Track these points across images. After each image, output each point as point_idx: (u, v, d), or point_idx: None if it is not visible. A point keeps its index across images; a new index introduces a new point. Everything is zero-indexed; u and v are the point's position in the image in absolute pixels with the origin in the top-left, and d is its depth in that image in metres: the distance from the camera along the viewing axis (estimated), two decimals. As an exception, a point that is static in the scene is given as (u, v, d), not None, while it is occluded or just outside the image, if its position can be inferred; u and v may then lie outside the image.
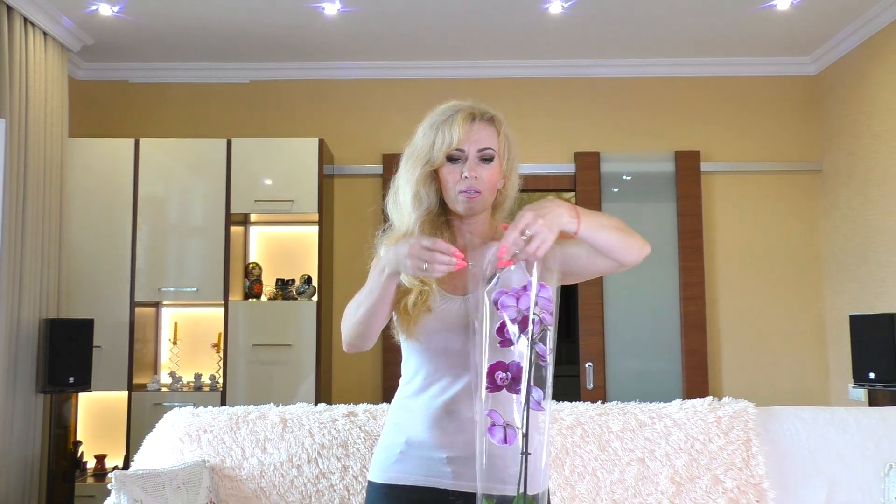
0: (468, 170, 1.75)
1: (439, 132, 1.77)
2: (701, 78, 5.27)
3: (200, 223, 4.79)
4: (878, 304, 4.42)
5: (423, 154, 1.79)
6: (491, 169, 1.78)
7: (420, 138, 1.82)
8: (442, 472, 1.72)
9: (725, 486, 2.77)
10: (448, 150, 1.75)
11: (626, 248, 1.79)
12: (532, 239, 1.51)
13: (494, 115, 1.81)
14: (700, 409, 2.90)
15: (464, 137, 1.75)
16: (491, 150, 1.77)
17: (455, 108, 1.80)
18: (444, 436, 1.72)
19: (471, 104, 1.82)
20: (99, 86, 5.31)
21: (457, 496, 1.71)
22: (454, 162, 1.77)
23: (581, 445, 2.83)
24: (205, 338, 4.94)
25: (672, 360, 5.04)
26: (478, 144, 1.76)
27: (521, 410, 1.40)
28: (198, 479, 2.72)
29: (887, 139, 4.37)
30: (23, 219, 4.09)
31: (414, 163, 1.81)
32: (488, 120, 1.80)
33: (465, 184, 1.75)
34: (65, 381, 4.17)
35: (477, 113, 1.79)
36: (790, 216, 5.18)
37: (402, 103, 5.27)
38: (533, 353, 1.41)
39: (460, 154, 1.76)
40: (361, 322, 1.76)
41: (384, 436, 1.85)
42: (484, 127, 1.78)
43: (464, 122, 1.76)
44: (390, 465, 1.77)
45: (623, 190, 5.23)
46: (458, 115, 1.77)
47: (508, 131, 1.84)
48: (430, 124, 1.81)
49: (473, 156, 1.76)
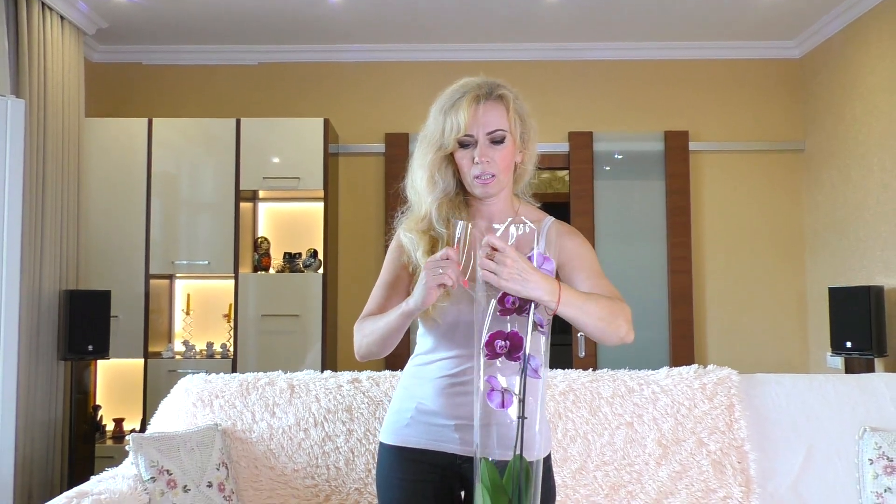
0: (479, 155, 1.68)
1: (447, 117, 1.69)
2: (690, 61, 5.25)
3: (211, 199, 4.78)
4: (856, 277, 4.43)
5: (434, 139, 1.72)
6: (503, 150, 1.71)
7: (431, 123, 1.74)
8: (450, 437, 1.72)
9: (709, 449, 2.80)
10: (457, 137, 1.68)
11: (602, 336, 1.63)
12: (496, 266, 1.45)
13: (503, 92, 1.73)
14: (686, 377, 2.91)
15: (471, 122, 1.67)
16: (501, 132, 1.70)
17: (462, 90, 1.71)
18: (452, 405, 1.72)
19: (479, 82, 1.73)
20: (113, 67, 5.28)
21: (463, 460, 1.72)
22: (465, 147, 1.70)
23: (573, 410, 2.85)
24: (216, 308, 4.95)
25: (660, 330, 5.06)
26: (486, 127, 1.68)
27: (519, 377, 1.41)
28: (210, 441, 2.74)
29: (868, 120, 4.36)
30: (42, 195, 4.08)
31: (427, 147, 1.74)
32: (496, 99, 1.71)
33: (477, 169, 1.69)
34: (84, 349, 4.18)
35: (483, 93, 1.70)
36: (774, 194, 5.18)
37: (404, 85, 5.24)
38: (531, 323, 1.41)
39: (470, 139, 1.69)
40: (376, 344, 1.74)
41: (396, 400, 1.85)
42: (492, 108, 1.70)
43: (469, 105, 1.68)
44: (400, 429, 1.77)
45: (615, 168, 5.22)
46: (463, 98, 1.68)
47: (520, 105, 1.76)
48: (440, 108, 1.73)
49: (483, 139, 1.68)
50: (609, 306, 1.63)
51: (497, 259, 1.45)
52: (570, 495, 2.76)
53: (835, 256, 4.71)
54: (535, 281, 1.45)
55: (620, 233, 5.15)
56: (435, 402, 1.74)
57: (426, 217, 1.74)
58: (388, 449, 1.79)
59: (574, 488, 2.77)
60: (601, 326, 1.60)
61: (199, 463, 2.67)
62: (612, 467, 2.79)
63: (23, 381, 3.80)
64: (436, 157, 1.72)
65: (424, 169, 1.73)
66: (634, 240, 5.15)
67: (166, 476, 2.58)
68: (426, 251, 1.72)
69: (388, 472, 1.77)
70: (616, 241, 5.13)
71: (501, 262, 1.45)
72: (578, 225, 5.05)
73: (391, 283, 1.82)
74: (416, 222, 1.76)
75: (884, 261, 4.16)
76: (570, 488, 2.77)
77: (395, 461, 1.76)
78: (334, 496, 2.77)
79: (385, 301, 1.81)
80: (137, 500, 2.48)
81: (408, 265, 1.80)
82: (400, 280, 1.82)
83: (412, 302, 1.61)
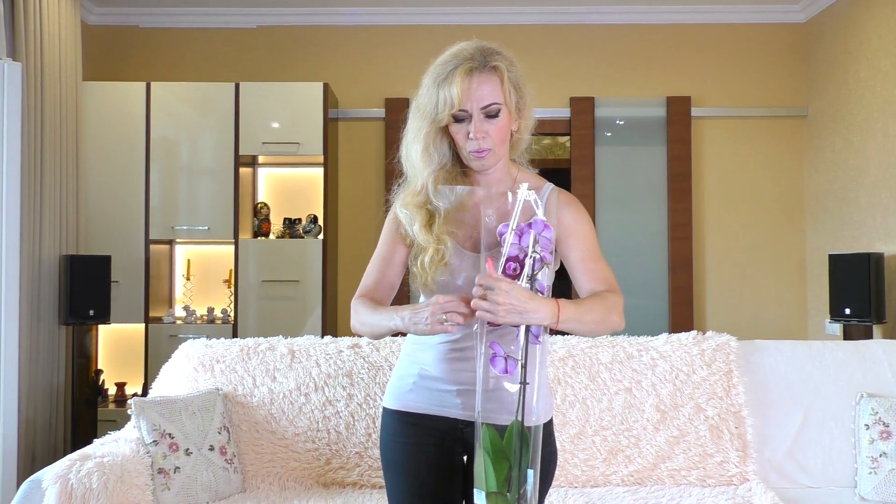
0: (474, 130, 1.63)
1: (440, 91, 1.63)
2: (693, 25, 5.19)
3: (211, 164, 4.76)
4: (856, 244, 4.43)
5: (428, 112, 1.67)
6: (498, 123, 1.66)
7: (424, 94, 1.69)
8: (452, 402, 1.73)
9: (707, 414, 2.82)
10: (451, 112, 1.63)
11: (594, 334, 1.64)
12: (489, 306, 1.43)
13: (497, 63, 1.66)
14: (685, 343, 2.93)
15: (464, 97, 1.62)
16: (496, 105, 1.64)
17: (455, 61, 1.64)
18: (454, 371, 1.73)
19: (472, 52, 1.66)
20: (110, 30, 5.22)
21: (465, 425, 1.74)
22: (460, 121, 1.65)
23: (572, 376, 2.87)
24: (216, 274, 4.95)
25: (659, 297, 5.07)
26: (480, 102, 1.63)
27: (520, 343, 1.42)
28: (212, 405, 2.76)
29: (871, 85, 4.32)
30: (41, 159, 4.06)
31: (421, 120, 1.69)
32: (490, 70, 1.65)
33: (473, 144, 1.65)
34: (85, 314, 4.19)
35: (476, 65, 1.64)
36: (776, 160, 5.16)
37: (404, 49, 5.19)
38: (533, 289, 1.41)
39: (464, 114, 1.64)
40: (368, 335, 1.75)
41: (399, 366, 1.85)
42: (485, 80, 1.64)
43: (462, 80, 1.61)
44: (403, 394, 1.78)
45: (616, 134, 5.19)
46: (456, 71, 1.62)
47: (514, 74, 1.70)
48: (433, 79, 1.66)
49: (478, 114, 1.63)
50: (603, 307, 1.61)
51: (490, 297, 1.42)
52: (569, 459, 2.79)
53: (835, 223, 4.70)
54: (532, 309, 1.43)
55: (621, 199, 5.13)
56: (437, 368, 1.74)
57: (423, 190, 1.71)
58: (391, 413, 1.80)
59: (573, 453, 2.80)
60: (596, 329, 1.61)
61: (201, 427, 2.69)
62: (611, 432, 2.81)
63: (24, 346, 3.82)
64: (430, 130, 1.68)
65: (419, 141, 1.69)
66: (635, 206, 5.14)
67: (168, 439, 2.60)
68: (423, 225, 1.70)
69: (391, 436, 1.78)
70: (617, 207, 5.12)
71: (494, 301, 1.42)
72: (579, 191, 5.04)
73: (387, 258, 1.81)
74: (412, 196, 1.73)
75: (884, 228, 4.16)
76: (569, 453, 2.79)
77: (398, 425, 1.78)
78: (335, 460, 2.79)
79: (381, 277, 1.80)
80: (140, 463, 2.50)
81: (405, 237, 1.78)
82: (396, 253, 1.80)
83: (407, 324, 1.58)
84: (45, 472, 2.29)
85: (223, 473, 2.68)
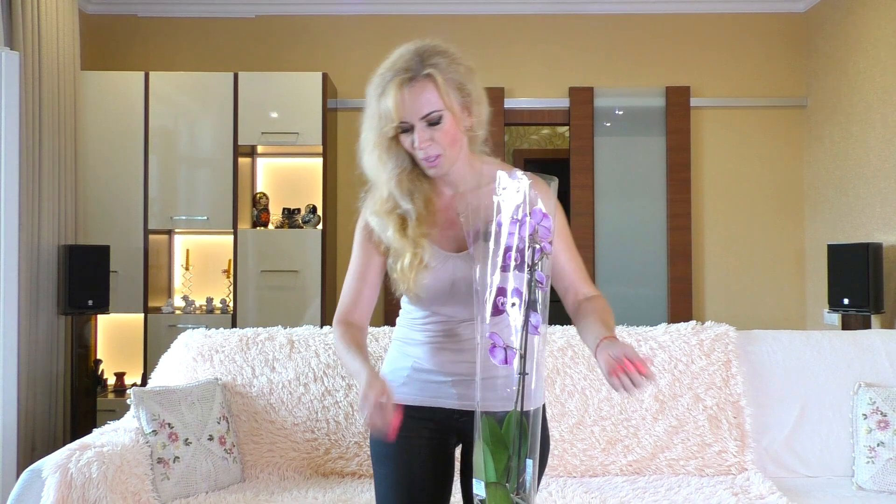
0: (419, 140, 1.60)
1: (380, 104, 1.62)
2: (692, 15, 5.17)
3: (209, 154, 4.75)
4: (855, 234, 4.43)
5: (372, 122, 1.66)
6: (443, 128, 1.61)
7: (368, 104, 1.67)
8: (447, 393, 1.74)
9: (706, 404, 2.82)
10: (393, 126, 1.61)
11: None
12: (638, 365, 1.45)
13: (430, 71, 1.59)
14: (684, 333, 2.93)
15: (401, 111, 1.58)
16: (436, 113, 1.59)
17: (390, 73, 1.61)
18: (447, 363, 1.73)
19: (405, 62, 1.61)
20: (108, 20, 5.20)
21: (461, 415, 1.74)
22: (406, 132, 1.62)
23: (571, 366, 2.87)
24: (215, 264, 4.95)
25: (658, 287, 5.07)
26: (419, 113, 1.58)
27: (520, 334, 1.41)
28: (211, 395, 2.76)
29: (871, 76, 4.31)
30: (39, 149, 4.05)
31: (369, 130, 1.68)
32: (425, 78, 1.59)
33: (421, 153, 1.62)
34: (84, 304, 4.19)
35: (411, 75, 1.58)
36: (775, 150, 5.15)
37: (403, 38, 5.11)
38: (533, 281, 1.41)
39: (407, 125, 1.60)
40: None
41: (390, 360, 1.85)
42: (420, 90, 1.58)
43: (397, 93, 1.58)
44: (397, 388, 1.76)
45: (615, 124, 5.18)
46: (391, 84, 1.59)
47: (453, 75, 1.62)
48: (374, 92, 1.64)
49: (419, 123, 1.60)
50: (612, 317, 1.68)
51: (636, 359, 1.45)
52: (568, 449, 2.79)
53: (834, 213, 4.70)
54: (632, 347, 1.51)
55: (620, 189, 5.13)
56: (430, 360, 1.75)
57: (389, 196, 1.70)
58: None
59: (571, 442, 2.80)
60: None
61: (200, 417, 2.69)
62: (610, 422, 2.82)
63: (24, 336, 3.81)
64: (380, 141, 1.66)
65: (372, 152, 1.68)
66: (634, 196, 5.13)
67: (168, 429, 2.60)
68: (397, 230, 1.69)
69: None
70: (616, 197, 5.12)
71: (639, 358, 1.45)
72: (578, 182, 5.04)
73: (362, 272, 1.78)
74: (381, 203, 1.71)
75: (883, 218, 4.16)
76: (568, 442, 2.80)
77: None
78: (334, 449, 2.80)
79: (357, 295, 1.78)
80: (139, 453, 2.50)
81: (379, 245, 1.75)
82: (371, 266, 1.77)
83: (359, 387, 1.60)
84: (44, 462, 2.30)
85: (222, 463, 2.69)
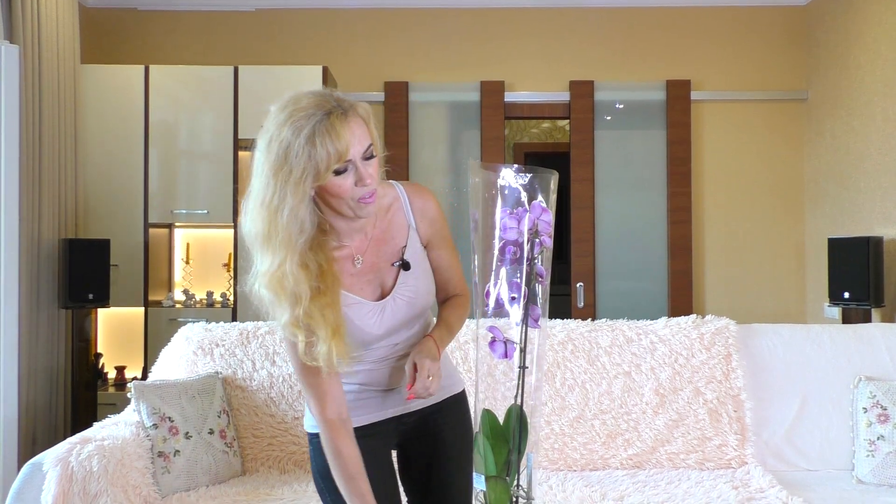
0: (366, 177, 1.50)
1: (319, 145, 1.44)
2: (693, 8, 5.15)
3: (209, 148, 4.74)
4: (855, 228, 4.42)
5: (303, 174, 1.45)
6: (374, 163, 1.54)
7: (292, 154, 1.45)
8: (394, 401, 1.74)
9: (706, 398, 2.82)
10: (337, 165, 1.47)
11: None
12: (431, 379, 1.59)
13: (357, 104, 1.53)
14: (684, 326, 2.93)
15: (350, 146, 1.47)
16: (371, 147, 1.53)
17: (322, 109, 1.47)
18: (391, 376, 1.72)
19: (326, 96, 1.51)
20: (108, 13, 5.18)
21: (408, 416, 1.76)
22: (341, 173, 1.49)
23: (571, 360, 2.87)
24: (216, 257, 4.94)
25: (659, 281, 5.06)
26: (361, 146, 1.50)
27: (520, 327, 1.41)
28: (211, 389, 2.76)
29: (871, 69, 4.30)
30: (39, 142, 4.04)
31: (294, 185, 1.46)
32: (353, 111, 1.51)
33: (363, 191, 1.51)
34: (84, 298, 4.19)
35: (341, 111, 1.49)
36: (775, 144, 5.14)
37: (404, 32, 5.15)
38: (533, 274, 1.40)
39: (348, 164, 1.49)
40: None
41: None
42: (357, 124, 1.50)
43: (344, 128, 1.47)
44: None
45: (615, 118, 5.17)
46: (332, 119, 1.46)
47: (368, 113, 1.56)
48: (305, 136, 1.45)
49: (359, 159, 1.50)
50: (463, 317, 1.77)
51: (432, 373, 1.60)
52: (568, 443, 2.80)
53: (835, 207, 4.69)
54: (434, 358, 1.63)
55: (620, 183, 5.12)
56: (375, 379, 1.72)
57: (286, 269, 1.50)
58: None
59: (572, 436, 2.80)
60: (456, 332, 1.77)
61: (201, 410, 2.69)
62: (610, 416, 2.82)
63: (24, 329, 3.81)
64: (302, 198, 1.47)
65: (289, 212, 1.47)
66: (634, 190, 5.13)
67: (168, 423, 2.61)
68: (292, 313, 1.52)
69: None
70: (616, 191, 5.11)
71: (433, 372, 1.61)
72: (578, 175, 5.03)
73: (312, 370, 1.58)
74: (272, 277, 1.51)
75: (883, 212, 4.15)
76: (568, 436, 2.80)
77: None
78: (335, 443, 2.79)
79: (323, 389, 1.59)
80: (140, 447, 2.50)
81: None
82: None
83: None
84: (45, 455, 2.30)
85: (223, 457, 2.69)
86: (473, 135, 5.10)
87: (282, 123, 1.48)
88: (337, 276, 1.57)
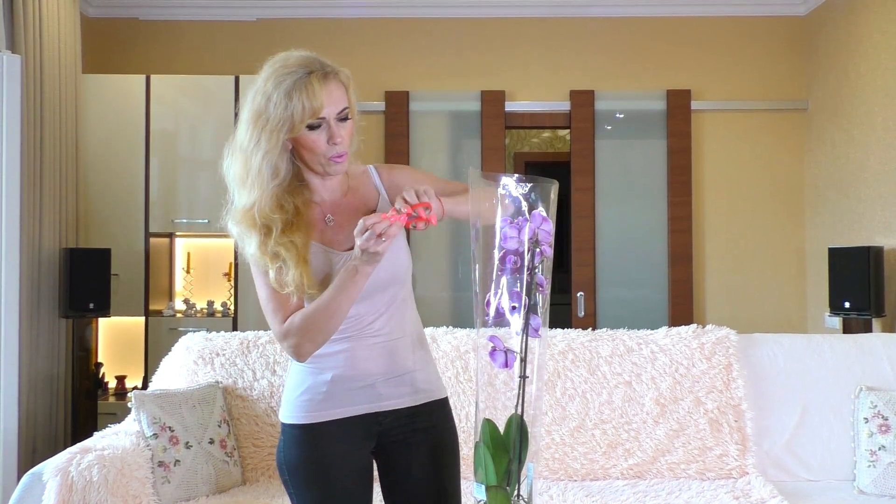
0: (336, 136, 1.64)
1: (295, 100, 1.59)
2: (693, 18, 5.17)
3: (211, 157, 4.74)
4: (855, 237, 4.43)
5: (279, 124, 1.60)
6: (348, 126, 1.68)
7: (271, 105, 1.61)
8: (370, 396, 1.70)
9: (706, 408, 2.82)
10: (310, 120, 1.60)
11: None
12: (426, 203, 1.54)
13: (338, 70, 1.69)
14: (685, 336, 2.93)
15: (325, 104, 1.61)
16: (346, 110, 1.66)
17: (304, 69, 1.63)
18: (365, 362, 1.69)
19: (312, 59, 1.67)
20: (110, 23, 5.20)
21: (385, 416, 1.72)
22: (313, 129, 1.62)
23: (572, 369, 2.87)
24: (216, 267, 4.95)
25: (659, 290, 5.07)
26: (336, 107, 1.64)
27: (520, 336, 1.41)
28: (212, 398, 2.76)
29: (871, 79, 4.31)
30: (41, 152, 4.06)
31: (269, 133, 1.62)
32: (335, 75, 1.67)
33: (334, 150, 1.64)
34: (85, 307, 4.19)
35: (323, 72, 1.65)
36: (776, 153, 5.15)
37: (404, 42, 5.17)
38: (533, 284, 1.41)
39: (321, 122, 1.62)
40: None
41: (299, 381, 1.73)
42: (336, 86, 1.65)
43: (321, 87, 1.61)
44: (317, 404, 1.69)
45: (616, 127, 5.18)
46: (310, 80, 1.61)
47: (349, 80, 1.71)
48: (283, 89, 1.61)
49: (333, 119, 1.64)
50: (465, 190, 1.69)
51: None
52: (569, 453, 2.79)
53: (835, 216, 4.70)
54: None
55: (621, 192, 5.13)
56: (350, 366, 1.69)
57: (260, 205, 1.67)
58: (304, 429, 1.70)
59: (572, 446, 2.80)
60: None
61: (201, 420, 2.69)
62: (611, 426, 2.82)
63: (25, 338, 3.81)
64: (275, 145, 1.62)
65: (265, 156, 1.63)
66: (635, 199, 5.13)
67: (168, 433, 2.60)
68: (261, 243, 1.67)
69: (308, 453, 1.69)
70: (616, 200, 5.12)
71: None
72: (579, 185, 5.04)
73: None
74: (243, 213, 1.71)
75: (884, 221, 4.15)
76: (569, 446, 2.80)
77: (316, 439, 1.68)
78: (335, 453, 2.79)
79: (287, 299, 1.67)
80: (140, 456, 2.50)
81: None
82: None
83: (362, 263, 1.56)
84: (45, 465, 2.30)
85: (223, 466, 2.69)
86: (474, 144, 5.11)
87: (267, 77, 1.66)
88: (310, 220, 1.70)
